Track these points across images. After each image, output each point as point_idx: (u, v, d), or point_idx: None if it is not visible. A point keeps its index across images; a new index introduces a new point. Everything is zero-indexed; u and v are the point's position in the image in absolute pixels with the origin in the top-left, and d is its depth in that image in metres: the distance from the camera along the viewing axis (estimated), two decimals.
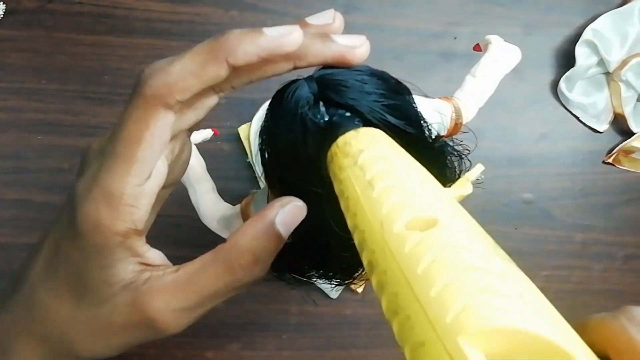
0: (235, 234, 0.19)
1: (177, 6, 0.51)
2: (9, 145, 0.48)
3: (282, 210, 0.19)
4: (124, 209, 0.18)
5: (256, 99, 0.51)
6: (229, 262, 0.19)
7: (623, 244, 0.55)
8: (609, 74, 0.56)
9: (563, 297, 0.54)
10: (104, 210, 0.18)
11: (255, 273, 0.19)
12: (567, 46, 0.56)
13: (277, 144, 0.22)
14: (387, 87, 0.22)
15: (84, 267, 0.19)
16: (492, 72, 0.41)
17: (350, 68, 0.22)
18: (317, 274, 0.28)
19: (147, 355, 0.48)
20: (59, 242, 0.20)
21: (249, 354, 0.49)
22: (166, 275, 0.19)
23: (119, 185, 0.18)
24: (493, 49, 0.41)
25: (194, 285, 0.19)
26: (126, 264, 0.19)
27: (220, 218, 0.41)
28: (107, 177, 0.18)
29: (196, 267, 0.19)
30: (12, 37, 0.49)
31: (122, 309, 0.19)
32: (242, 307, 0.49)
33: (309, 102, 0.21)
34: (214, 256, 0.19)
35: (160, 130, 0.18)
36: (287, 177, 0.21)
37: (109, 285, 0.19)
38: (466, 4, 0.56)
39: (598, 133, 0.56)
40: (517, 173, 0.55)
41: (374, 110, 0.21)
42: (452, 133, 0.39)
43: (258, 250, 0.19)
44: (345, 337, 0.50)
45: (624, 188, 0.56)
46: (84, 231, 0.18)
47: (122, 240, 0.18)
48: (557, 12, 0.57)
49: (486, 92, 0.41)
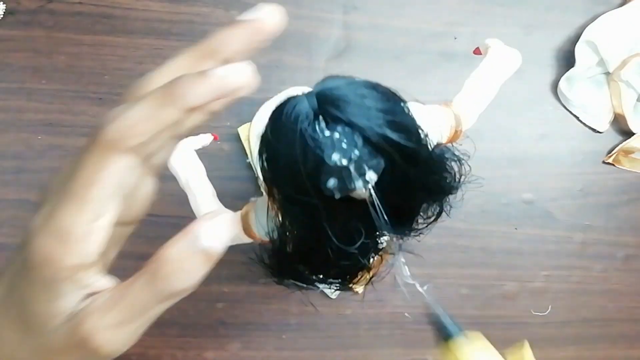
0: (162, 246, 0.19)
1: (177, 6, 0.51)
2: (9, 145, 0.48)
3: (208, 223, 0.19)
4: (73, 245, 0.19)
5: (256, 99, 0.51)
6: (152, 272, 0.19)
7: (623, 244, 0.55)
8: (609, 74, 0.56)
9: (563, 297, 0.54)
10: (54, 245, 0.19)
11: (179, 284, 0.19)
12: (567, 46, 0.56)
13: (276, 158, 0.22)
14: (386, 100, 0.22)
15: (33, 300, 0.20)
16: (492, 77, 0.40)
17: (349, 82, 0.22)
18: (317, 279, 0.28)
19: (147, 355, 0.48)
20: (14, 274, 0.21)
21: (249, 354, 0.49)
22: (102, 295, 0.20)
23: (70, 223, 0.19)
24: (493, 53, 0.41)
25: (123, 299, 0.20)
26: (72, 296, 0.20)
27: None
28: (60, 214, 0.19)
29: (127, 282, 0.20)
30: (12, 37, 0.49)
31: (62, 337, 0.19)
32: (242, 307, 0.49)
33: (309, 117, 0.21)
34: (142, 269, 0.20)
35: (113, 174, 0.19)
36: (286, 188, 0.21)
37: (54, 317, 0.20)
38: (466, 4, 0.56)
39: (598, 133, 0.56)
40: (517, 173, 0.55)
41: (373, 125, 0.21)
42: (452, 140, 0.39)
43: (179, 261, 0.19)
44: (345, 337, 0.50)
45: (624, 188, 0.56)
46: (34, 265, 0.19)
47: (70, 275, 0.19)
48: (557, 12, 0.57)
49: (486, 98, 0.41)
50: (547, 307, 0.53)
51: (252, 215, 0.38)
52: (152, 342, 0.48)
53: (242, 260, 0.50)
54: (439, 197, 0.26)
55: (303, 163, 0.21)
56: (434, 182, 0.25)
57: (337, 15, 0.54)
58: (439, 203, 0.27)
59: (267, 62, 0.52)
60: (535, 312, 0.53)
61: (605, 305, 0.54)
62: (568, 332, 0.54)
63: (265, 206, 0.30)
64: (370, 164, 0.21)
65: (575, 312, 0.54)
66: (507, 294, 0.53)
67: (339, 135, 0.21)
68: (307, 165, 0.21)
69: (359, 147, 0.21)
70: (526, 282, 0.53)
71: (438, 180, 0.25)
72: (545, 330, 0.53)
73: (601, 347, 0.54)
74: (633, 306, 0.55)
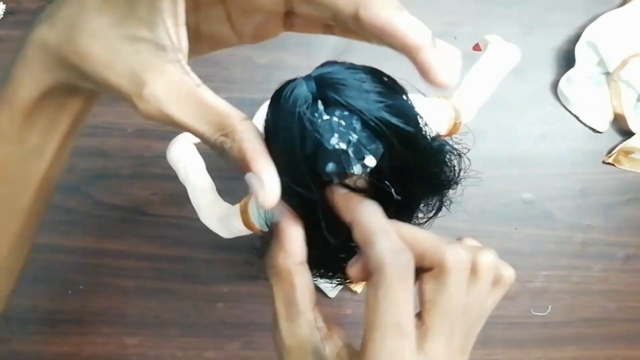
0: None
1: None
2: None
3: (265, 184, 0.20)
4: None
5: (256, 98, 0.51)
6: (213, 123, 0.20)
7: (623, 244, 0.55)
8: (609, 74, 0.56)
9: (563, 297, 0.54)
10: None
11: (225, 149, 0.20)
12: (567, 46, 0.56)
13: (275, 142, 0.22)
14: (385, 86, 0.22)
15: None
16: (492, 71, 0.41)
17: (348, 66, 0.22)
18: (318, 273, 0.28)
19: (147, 355, 0.48)
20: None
21: (249, 354, 0.49)
22: (187, 82, 0.20)
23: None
24: (492, 48, 0.41)
25: (187, 106, 0.20)
26: (168, 19, 0.20)
27: (219, 217, 0.41)
28: None
29: (205, 98, 0.20)
30: (12, 37, 0.49)
31: (139, 59, 0.20)
32: (242, 307, 0.49)
33: (307, 100, 0.21)
34: (212, 110, 0.20)
35: None
36: (284, 176, 0.21)
37: (148, 31, 0.20)
38: (466, 4, 0.56)
39: (598, 133, 0.56)
40: (517, 173, 0.55)
41: (372, 109, 0.21)
42: (452, 133, 0.39)
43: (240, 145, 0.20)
44: None
45: (624, 188, 0.56)
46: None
47: None
48: (557, 12, 0.57)
49: (486, 92, 0.41)
50: (547, 307, 0.53)
51: (252, 206, 0.38)
52: (152, 342, 0.48)
53: (242, 260, 0.50)
54: (438, 190, 0.26)
55: (301, 147, 0.21)
56: (433, 174, 0.25)
57: None
58: (439, 197, 0.27)
59: (267, 62, 0.52)
60: (535, 312, 0.53)
61: (605, 305, 0.54)
62: (568, 332, 0.54)
63: None
64: (370, 148, 0.21)
65: (575, 312, 0.54)
66: (507, 293, 0.53)
67: (337, 119, 0.21)
68: (305, 149, 0.21)
69: (358, 131, 0.21)
70: (526, 282, 0.53)
71: (437, 173, 0.25)
72: (545, 330, 0.53)
73: (601, 347, 0.54)
74: (633, 306, 0.55)
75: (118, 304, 0.48)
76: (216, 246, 0.44)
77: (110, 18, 0.21)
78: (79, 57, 0.21)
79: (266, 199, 0.20)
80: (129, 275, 0.48)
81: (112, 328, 0.48)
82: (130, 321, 0.48)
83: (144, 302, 0.48)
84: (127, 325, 0.48)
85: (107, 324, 0.48)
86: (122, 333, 0.48)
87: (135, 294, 0.48)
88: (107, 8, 0.21)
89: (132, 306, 0.48)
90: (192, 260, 0.49)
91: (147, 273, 0.48)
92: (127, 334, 0.48)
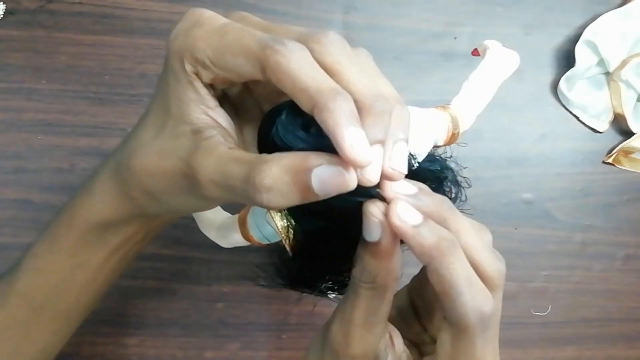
0: (277, 154, 0.19)
1: (177, 6, 0.51)
2: (9, 145, 0.48)
3: (325, 168, 0.18)
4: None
5: None
6: (249, 175, 0.19)
7: (623, 244, 0.55)
8: (609, 74, 0.56)
9: (563, 297, 0.54)
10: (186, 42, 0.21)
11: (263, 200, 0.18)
12: (567, 46, 0.56)
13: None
14: None
15: (168, 94, 0.22)
16: (490, 78, 0.40)
17: None
18: (330, 287, 0.27)
19: (147, 355, 0.48)
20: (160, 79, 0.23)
21: (249, 354, 0.49)
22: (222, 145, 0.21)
23: None
24: (491, 54, 0.41)
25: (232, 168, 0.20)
26: (196, 106, 0.22)
27: (218, 227, 0.41)
28: None
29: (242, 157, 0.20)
30: (12, 37, 0.49)
31: (183, 149, 0.21)
32: (242, 307, 0.49)
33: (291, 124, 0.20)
34: (252, 158, 0.19)
35: None
36: None
37: (183, 123, 0.22)
38: (466, 4, 0.56)
39: (598, 133, 0.56)
40: (517, 173, 0.55)
41: None
42: (450, 143, 0.39)
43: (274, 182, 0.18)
44: None
45: (624, 188, 0.56)
46: (170, 53, 0.21)
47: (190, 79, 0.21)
48: (557, 12, 0.57)
49: (484, 99, 0.41)
50: (547, 307, 0.53)
51: (250, 218, 0.38)
52: (152, 342, 0.48)
53: (242, 260, 0.50)
54: None
55: None
56: None
57: (337, 15, 0.54)
58: None
59: None
60: (535, 312, 0.53)
61: (605, 305, 0.54)
62: (568, 332, 0.54)
63: (263, 209, 0.30)
64: None
65: (575, 312, 0.54)
66: (507, 294, 0.53)
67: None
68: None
69: None
70: (526, 282, 0.53)
71: None
72: (545, 330, 0.53)
73: (601, 347, 0.54)
74: (633, 306, 0.55)
75: (118, 304, 0.48)
76: (216, 246, 0.44)
77: (153, 129, 0.23)
78: (138, 177, 0.23)
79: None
80: (129, 275, 0.48)
81: (112, 328, 0.48)
82: (130, 321, 0.48)
83: (144, 302, 0.48)
84: (127, 325, 0.48)
85: (107, 324, 0.48)
86: (122, 333, 0.48)
87: (135, 294, 0.48)
88: (149, 121, 0.23)
89: (132, 306, 0.48)
90: (192, 260, 0.49)
91: (146, 273, 0.48)
92: (127, 334, 0.48)
